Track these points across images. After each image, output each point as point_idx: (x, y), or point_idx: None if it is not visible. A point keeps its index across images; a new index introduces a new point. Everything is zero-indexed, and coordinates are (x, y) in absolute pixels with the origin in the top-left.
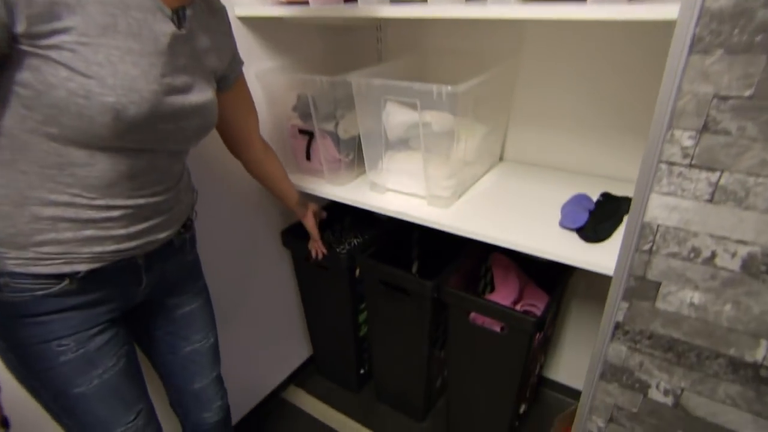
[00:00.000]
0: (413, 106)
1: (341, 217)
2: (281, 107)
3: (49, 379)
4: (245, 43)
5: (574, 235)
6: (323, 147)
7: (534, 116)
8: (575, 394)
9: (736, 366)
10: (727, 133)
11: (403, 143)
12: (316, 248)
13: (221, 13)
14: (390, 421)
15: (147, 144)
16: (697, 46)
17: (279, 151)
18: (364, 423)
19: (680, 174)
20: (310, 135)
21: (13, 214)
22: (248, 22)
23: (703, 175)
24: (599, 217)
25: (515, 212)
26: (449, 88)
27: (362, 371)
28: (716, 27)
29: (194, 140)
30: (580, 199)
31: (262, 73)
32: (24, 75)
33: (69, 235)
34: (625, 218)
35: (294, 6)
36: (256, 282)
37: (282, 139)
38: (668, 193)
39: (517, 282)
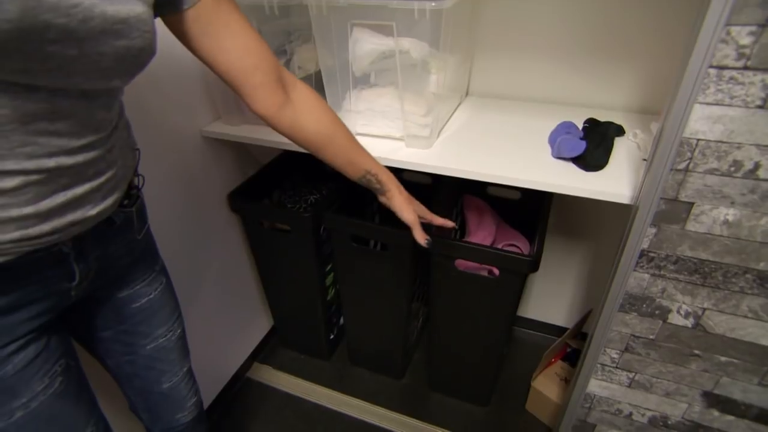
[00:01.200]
0: (385, 31)
1: (290, 173)
2: None
3: None
4: None
5: (570, 165)
6: None
7: (501, 44)
8: (547, 329)
9: (764, 279)
10: None
11: (366, 79)
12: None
13: None
14: (368, 383)
15: (39, 76)
16: None
17: (219, 97)
18: (341, 389)
19: (731, 79)
20: None
21: None
22: None
23: (758, 77)
24: (594, 144)
25: (501, 147)
26: (433, 3)
27: (331, 336)
28: None
29: (118, 75)
30: (567, 127)
31: None
32: None
33: None
34: (616, 142)
35: None
36: (203, 254)
37: (221, 84)
38: (713, 103)
39: (492, 223)
